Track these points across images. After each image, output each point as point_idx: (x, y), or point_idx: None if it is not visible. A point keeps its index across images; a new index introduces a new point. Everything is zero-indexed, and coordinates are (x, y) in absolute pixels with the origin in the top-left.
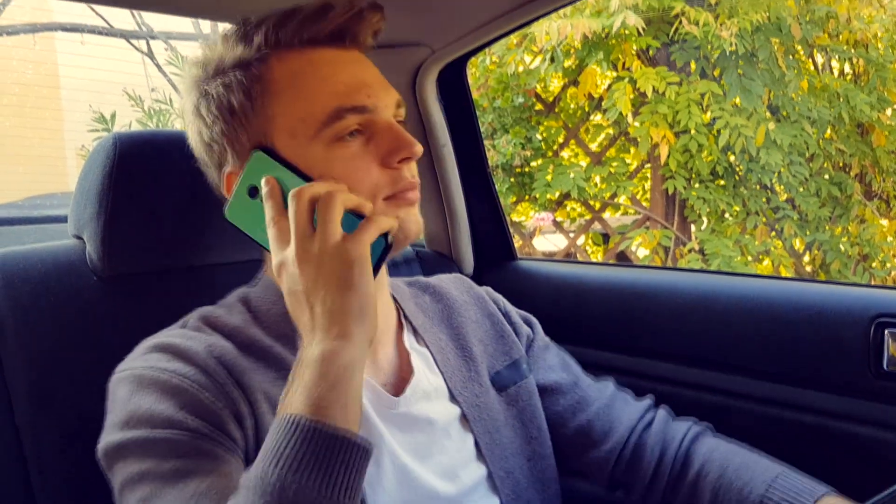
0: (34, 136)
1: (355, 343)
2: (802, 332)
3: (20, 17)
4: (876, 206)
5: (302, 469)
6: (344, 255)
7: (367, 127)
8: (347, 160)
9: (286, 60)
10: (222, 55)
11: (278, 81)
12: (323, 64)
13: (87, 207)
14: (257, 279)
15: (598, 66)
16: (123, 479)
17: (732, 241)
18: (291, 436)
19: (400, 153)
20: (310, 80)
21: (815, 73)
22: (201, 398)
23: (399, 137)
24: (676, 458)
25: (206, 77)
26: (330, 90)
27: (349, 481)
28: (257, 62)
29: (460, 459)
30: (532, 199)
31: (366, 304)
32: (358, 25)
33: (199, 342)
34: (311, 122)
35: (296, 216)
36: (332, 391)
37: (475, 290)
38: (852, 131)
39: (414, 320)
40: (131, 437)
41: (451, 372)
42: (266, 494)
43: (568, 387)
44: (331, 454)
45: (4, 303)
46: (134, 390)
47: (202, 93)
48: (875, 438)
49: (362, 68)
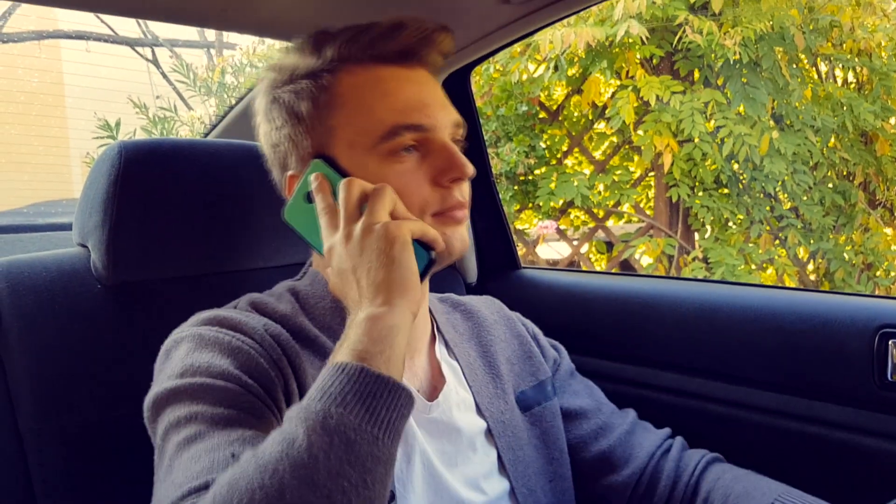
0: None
1: (398, 310)
2: (806, 342)
3: (26, 25)
4: (880, 214)
5: (346, 403)
6: (387, 234)
7: (422, 144)
8: (400, 175)
9: (353, 74)
10: (296, 64)
11: (343, 94)
12: (387, 81)
13: (91, 216)
14: (303, 272)
15: (601, 74)
16: (170, 421)
17: (736, 250)
18: (337, 377)
19: (452, 173)
20: (372, 95)
21: (818, 81)
22: (259, 361)
23: (452, 158)
24: (688, 487)
25: (279, 82)
26: (390, 107)
27: (390, 420)
28: (327, 73)
29: (483, 472)
30: (536, 207)
31: (407, 278)
32: (426, 47)
33: (255, 320)
34: (369, 135)
35: (345, 203)
36: (376, 345)
37: (505, 311)
38: (856, 140)
39: (446, 333)
40: (187, 383)
41: (479, 387)
42: (308, 420)
43: (592, 412)
44: (374, 393)
45: (9, 310)
46: (194, 348)
47: (274, 97)
48: (878, 449)
49: (425, 88)
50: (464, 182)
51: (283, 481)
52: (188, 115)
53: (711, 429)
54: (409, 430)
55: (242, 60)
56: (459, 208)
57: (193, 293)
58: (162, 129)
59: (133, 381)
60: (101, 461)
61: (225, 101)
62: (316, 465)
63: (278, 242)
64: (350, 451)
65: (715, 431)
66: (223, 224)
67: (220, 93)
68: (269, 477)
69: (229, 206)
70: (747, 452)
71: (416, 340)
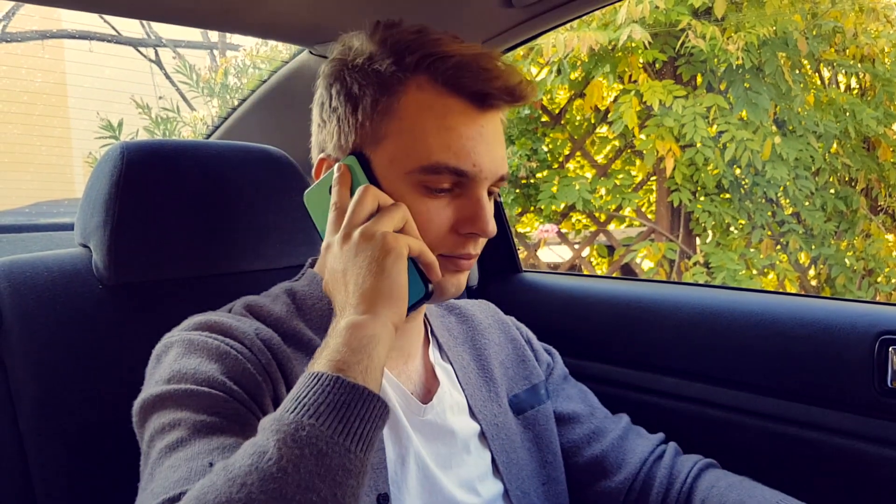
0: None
1: (381, 320)
2: (806, 348)
3: (29, 25)
4: (882, 220)
5: (318, 414)
6: (384, 244)
7: (457, 187)
8: (425, 210)
9: (424, 91)
10: (373, 55)
11: (406, 108)
12: (452, 114)
13: (93, 216)
14: (301, 274)
15: (604, 78)
16: (155, 427)
17: (737, 255)
18: (312, 387)
19: (473, 227)
20: (431, 122)
21: (821, 87)
22: (246, 367)
23: (479, 213)
24: (681, 494)
25: (353, 64)
26: (443, 143)
27: (364, 432)
28: (398, 79)
29: (478, 474)
30: (537, 210)
31: (395, 290)
32: (506, 97)
33: (247, 324)
34: (411, 160)
35: (355, 205)
36: (355, 355)
37: (500, 315)
38: (858, 146)
39: (440, 337)
40: (173, 389)
41: (472, 390)
42: (279, 432)
43: (585, 417)
44: (348, 404)
45: (10, 310)
46: (182, 353)
47: (341, 76)
48: (878, 455)
49: (486, 135)
50: (479, 240)
51: (251, 495)
52: (191, 116)
53: (711, 434)
54: (404, 433)
55: (245, 62)
56: (466, 259)
57: (195, 294)
58: (164, 129)
59: (134, 382)
60: (102, 461)
61: (228, 103)
62: (285, 479)
63: (281, 244)
64: (321, 463)
65: (715, 437)
66: (225, 225)
67: (222, 94)
68: (237, 490)
69: (231, 208)
70: (747, 458)
71: (410, 345)
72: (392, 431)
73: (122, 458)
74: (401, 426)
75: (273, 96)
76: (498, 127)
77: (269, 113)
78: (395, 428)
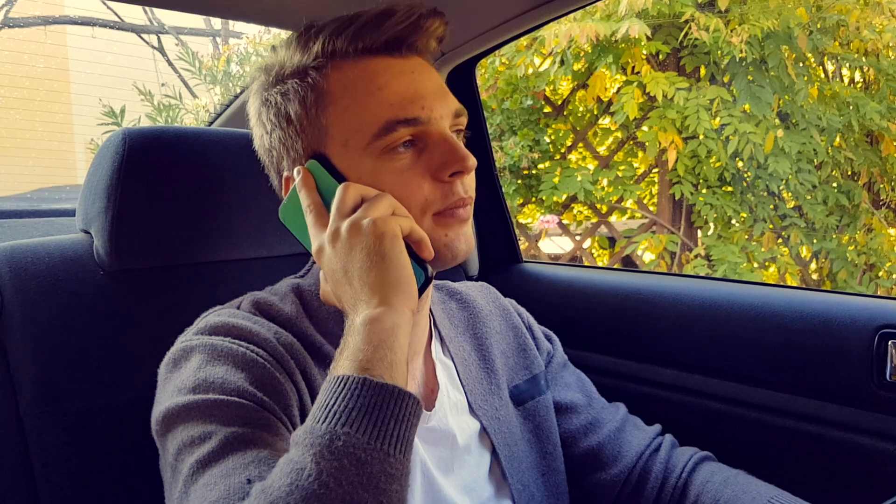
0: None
1: (397, 310)
2: (806, 341)
3: (31, 10)
4: (884, 215)
5: (351, 421)
6: (375, 229)
7: (420, 138)
8: (398, 173)
9: (342, 69)
10: (283, 62)
11: (333, 91)
12: (377, 74)
13: (95, 202)
14: (307, 269)
15: (607, 69)
16: (183, 440)
17: (739, 248)
18: (339, 392)
19: (452, 166)
20: (363, 90)
21: (825, 80)
22: (274, 375)
23: (452, 150)
24: (676, 488)
25: (268, 84)
26: (382, 101)
27: (400, 432)
28: (314, 70)
29: (479, 474)
30: (539, 201)
31: (401, 275)
32: (416, 34)
33: (266, 328)
34: (362, 133)
35: (339, 203)
36: (378, 351)
37: (501, 300)
38: (861, 140)
39: (442, 329)
40: (200, 400)
41: (472, 385)
42: (315, 446)
43: (582, 407)
44: (380, 406)
45: (12, 295)
46: (206, 360)
47: (263, 100)
48: (876, 449)
49: (419, 77)
50: (466, 175)
51: None
52: (193, 104)
53: (710, 426)
54: None
55: (248, 49)
56: (462, 205)
57: (195, 281)
58: (167, 116)
59: (134, 368)
60: (101, 446)
61: (230, 90)
62: (328, 494)
63: (282, 232)
64: (362, 472)
65: (713, 428)
66: (226, 212)
67: (225, 81)
68: None
69: (233, 195)
70: (745, 450)
71: (416, 341)
72: None
73: (122, 442)
74: None
75: None
76: (429, 69)
77: None
78: None
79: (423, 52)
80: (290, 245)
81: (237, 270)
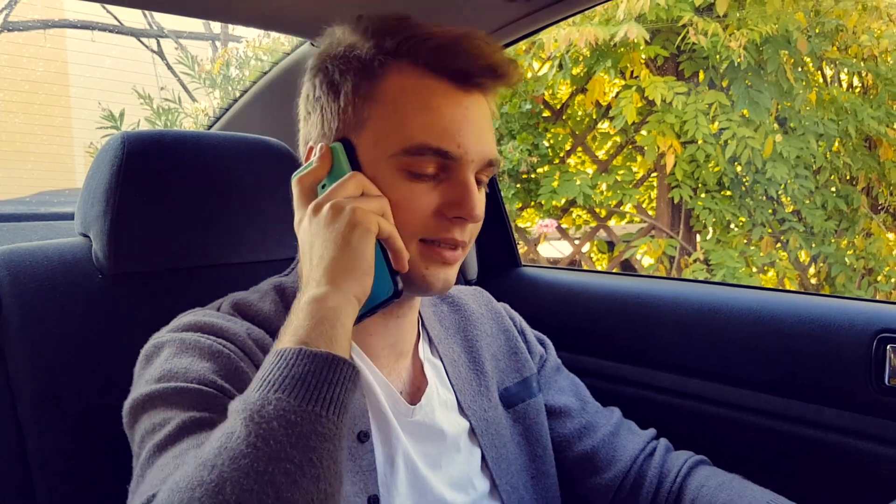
0: (43, 132)
1: (342, 291)
2: (805, 345)
3: (31, 14)
4: (882, 219)
5: (284, 387)
6: (353, 218)
7: (444, 172)
8: (409, 191)
9: (403, 75)
10: (354, 43)
11: (386, 91)
12: (433, 95)
13: (94, 206)
14: (291, 268)
15: (605, 73)
16: (146, 428)
17: (737, 252)
18: (276, 364)
19: (457, 210)
20: (413, 103)
21: (823, 85)
22: (239, 365)
23: (465, 197)
24: (671, 492)
25: (332, 54)
26: (425, 122)
27: (333, 395)
28: (379, 64)
29: (468, 472)
30: (538, 205)
31: (357, 263)
32: (487, 75)
33: (238, 325)
34: (394, 141)
35: (338, 185)
36: (318, 327)
37: (493, 304)
38: (860, 145)
39: (431, 330)
40: (163, 388)
41: (462, 385)
42: (246, 411)
43: (576, 411)
44: (313, 372)
45: (10, 299)
46: (174, 353)
47: (323, 67)
48: (875, 453)
49: (469, 115)
50: (468, 224)
51: (221, 475)
52: (192, 107)
53: (708, 430)
54: (393, 434)
55: (247, 53)
56: (451, 248)
57: (194, 284)
58: (166, 120)
59: (132, 371)
60: (100, 448)
61: (229, 94)
62: (255, 453)
63: (281, 235)
64: (291, 432)
65: (711, 433)
66: (225, 216)
67: (224, 85)
68: (208, 472)
69: (231, 199)
70: (742, 454)
71: (403, 342)
72: (381, 433)
73: (120, 445)
74: (390, 427)
75: (274, 88)
76: (484, 110)
77: (270, 105)
78: (384, 429)
79: (487, 92)
80: (289, 249)
81: (235, 274)
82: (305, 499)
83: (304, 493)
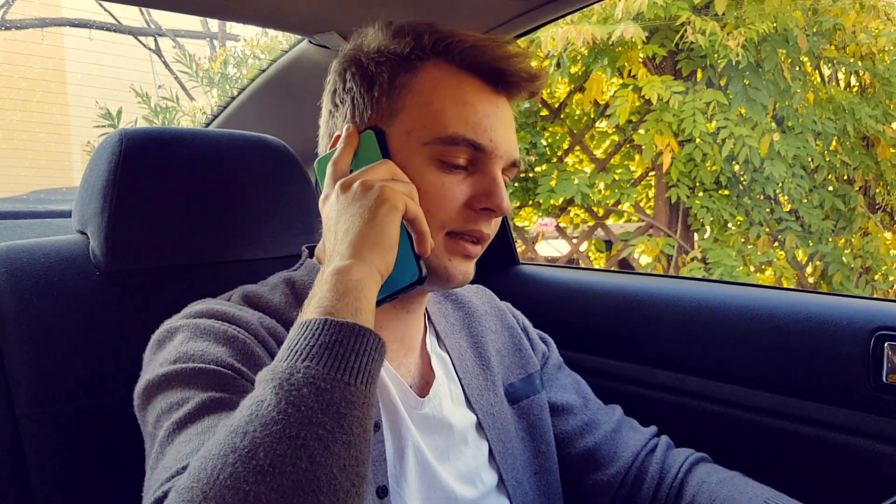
0: (40, 130)
1: (366, 264)
2: (803, 343)
3: (29, 12)
4: (879, 218)
5: (312, 356)
6: (381, 194)
7: (473, 164)
8: (440, 181)
9: (440, 69)
10: (386, 43)
11: (423, 83)
12: (468, 91)
13: (91, 203)
14: (301, 263)
15: (603, 72)
16: (162, 407)
17: (735, 251)
18: (302, 334)
19: (487, 202)
20: (449, 97)
21: (821, 85)
22: (255, 351)
23: (494, 189)
24: (672, 488)
25: (367, 50)
26: (461, 115)
27: (361, 364)
28: (416, 57)
29: (476, 466)
30: (536, 204)
31: (382, 237)
32: (517, 78)
33: (250, 314)
34: (429, 131)
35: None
36: (343, 299)
37: (496, 302)
38: (857, 144)
39: (437, 325)
40: (180, 368)
41: (469, 379)
42: (275, 380)
43: (578, 408)
44: (341, 342)
45: (7, 296)
46: (189, 337)
47: (356, 60)
48: (873, 451)
49: (500, 114)
50: (494, 216)
51: (254, 440)
52: (190, 106)
53: (706, 428)
54: (403, 426)
55: (245, 51)
56: (475, 241)
57: (191, 282)
58: (163, 118)
59: (129, 368)
60: (97, 446)
61: (227, 92)
62: (287, 420)
63: (278, 233)
64: (322, 399)
65: (710, 430)
66: (222, 214)
67: (221, 84)
68: (240, 439)
69: (229, 196)
70: (741, 452)
71: (411, 337)
72: (391, 425)
73: (118, 443)
74: (400, 419)
75: (272, 86)
76: (510, 112)
77: (268, 102)
78: (394, 421)
79: (512, 96)
80: (287, 246)
81: (233, 271)
82: (338, 464)
83: (336, 459)
